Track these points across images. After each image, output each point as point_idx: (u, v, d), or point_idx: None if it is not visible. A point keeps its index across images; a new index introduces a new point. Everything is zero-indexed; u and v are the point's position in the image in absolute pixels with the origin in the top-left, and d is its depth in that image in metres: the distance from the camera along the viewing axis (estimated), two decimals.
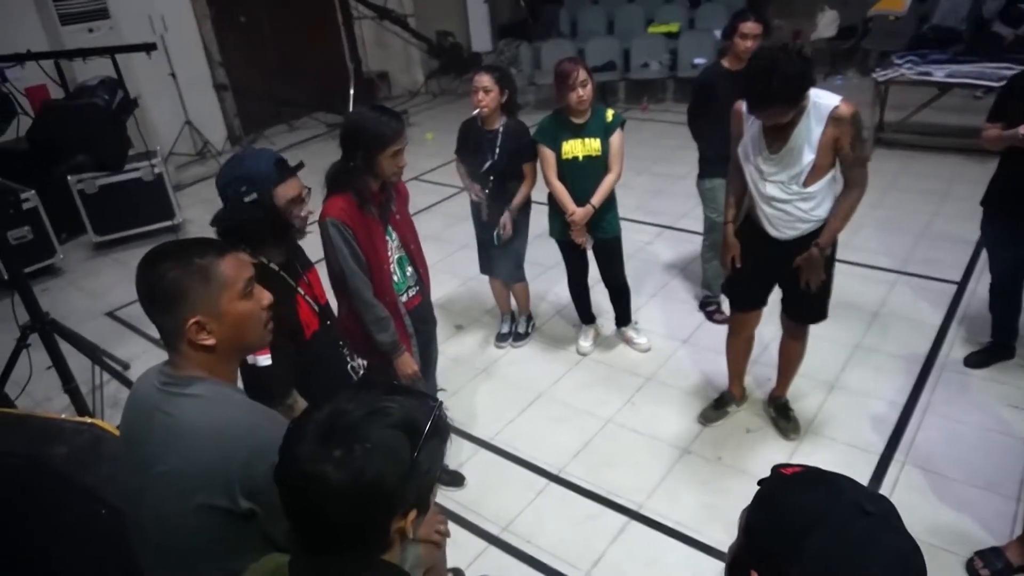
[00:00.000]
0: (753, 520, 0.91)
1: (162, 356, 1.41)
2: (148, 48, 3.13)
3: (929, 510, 2.61)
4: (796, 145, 2.43)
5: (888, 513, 0.85)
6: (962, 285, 4.01)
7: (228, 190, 1.89)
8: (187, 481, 1.23)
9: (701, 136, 3.72)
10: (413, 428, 0.96)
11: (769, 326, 3.10)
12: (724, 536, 2.58)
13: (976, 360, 3.36)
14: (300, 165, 2.04)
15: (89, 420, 2.42)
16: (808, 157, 2.43)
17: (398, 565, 1.02)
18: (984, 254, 3.52)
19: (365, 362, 2.35)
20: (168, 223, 5.65)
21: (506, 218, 3.44)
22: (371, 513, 0.94)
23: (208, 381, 1.31)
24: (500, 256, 3.64)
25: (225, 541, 1.26)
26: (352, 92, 7.80)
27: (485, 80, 3.22)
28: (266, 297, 1.40)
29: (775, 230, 2.65)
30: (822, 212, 2.60)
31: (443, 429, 1.01)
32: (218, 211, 1.96)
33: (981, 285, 3.84)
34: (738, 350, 3.11)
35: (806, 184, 2.49)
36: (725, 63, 3.54)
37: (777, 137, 2.46)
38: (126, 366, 3.84)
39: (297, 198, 1.96)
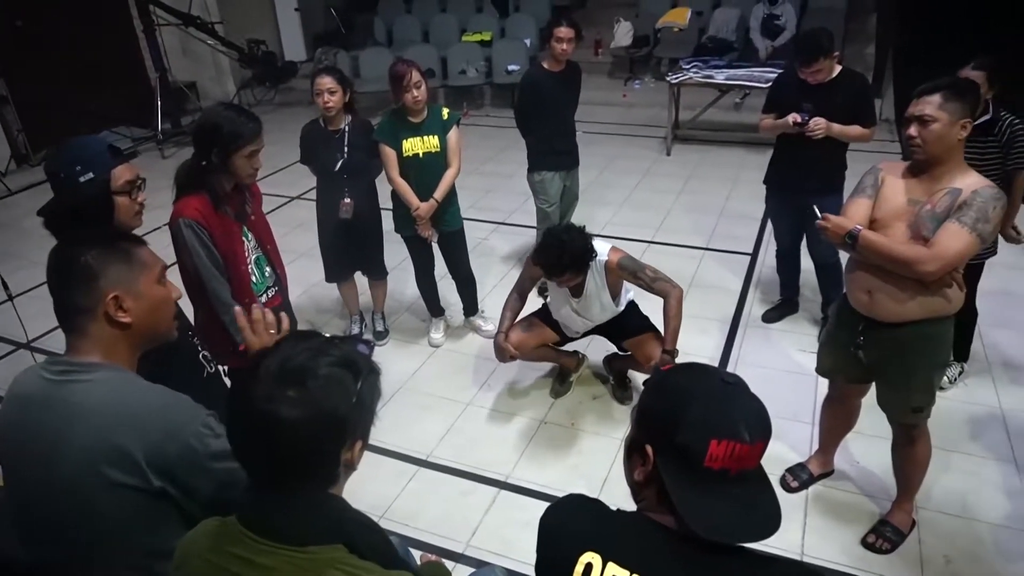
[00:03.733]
0: (645, 404, 1.14)
1: None
2: None
3: None
4: (591, 293, 3.03)
5: (741, 382, 1.11)
6: (755, 255, 4.67)
7: (61, 173, 1.83)
8: (97, 457, 1.22)
9: (530, 131, 4.02)
10: (354, 365, 1.05)
11: None
12: (586, 490, 2.82)
13: (771, 316, 3.95)
14: (134, 153, 2.00)
15: None
16: (604, 299, 3.06)
17: (343, 498, 1.10)
18: (769, 228, 4.14)
19: (225, 368, 2.32)
20: None
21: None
22: (326, 444, 1.01)
23: (111, 367, 1.29)
24: (371, 253, 3.72)
25: (142, 521, 1.25)
26: (159, 104, 7.30)
27: (328, 82, 3.26)
28: (176, 291, 1.45)
29: (575, 334, 3.30)
30: (622, 304, 3.19)
31: (376, 367, 1.11)
32: (48, 201, 1.88)
33: (769, 254, 4.49)
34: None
35: (615, 301, 3.11)
36: (545, 65, 3.90)
37: (576, 288, 3.03)
38: None
39: (134, 182, 1.91)
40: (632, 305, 3.25)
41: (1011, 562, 2.46)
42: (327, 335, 1.10)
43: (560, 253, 2.78)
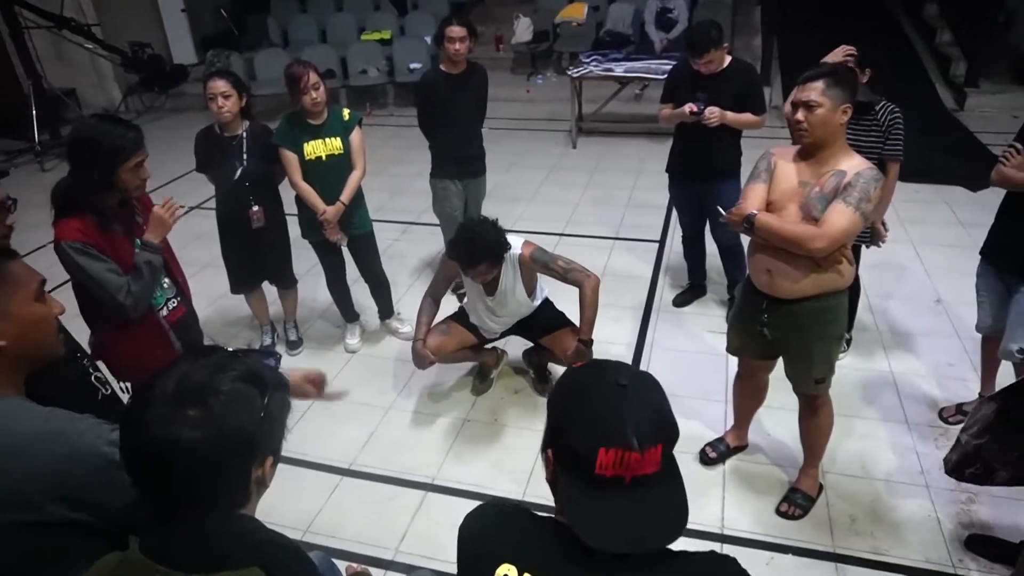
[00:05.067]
0: (549, 400, 1.12)
1: None
2: None
3: None
4: (506, 289, 3.03)
5: (639, 382, 1.07)
6: (662, 242, 4.82)
7: None
8: None
9: (432, 136, 3.93)
10: (259, 379, 1.00)
11: None
12: (514, 485, 2.85)
13: (681, 300, 4.09)
14: (5, 173, 1.84)
15: None
16: (520, 294, 3.07)
17: (255, 518, 1.05)
18: (674, 215, 4.28)
19: (128, 384, 2.19)
20: None
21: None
22: (233, 463, 0.96)
23: None
24: (279, 262, 3.61)
25: (40, 556, 1.15)
26: (35, 113, 6.80)
27: (222, 86, 3.11)
28: (58, 306, 1.34)
29: (492, 335, 3.29)
30: (538, 300, 3.21)
31: (284, 380, 1.07)
32: None
33: (675, 241, 4.65)
34: None
35: (530, 297, 3.13)
36: (443, 67, 3.75)
37: (490, 286, 3.03)
38: None
39: (2, 203, 1.75)
40: (547, 302, 3.28)
41: (901, 512, 2.65)
42: (230, 349, 1.04)
43: (474, 245, 2.78)
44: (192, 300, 2.60)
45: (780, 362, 2.59)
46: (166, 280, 2.40)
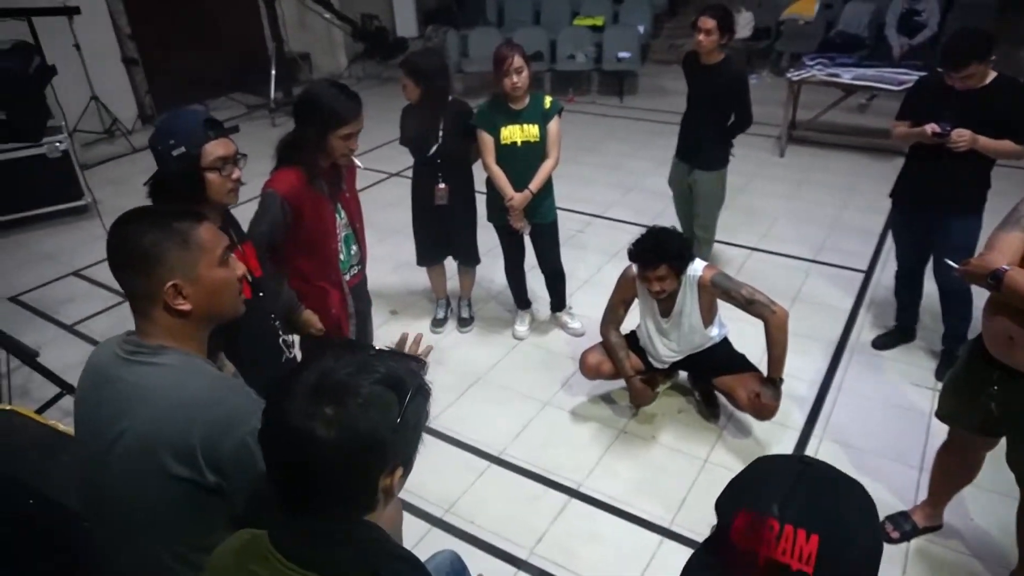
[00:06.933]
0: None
1: (75, 343, 1.36)
2: (71, 12, 2.92)
3: None
4: (681, 311, 2.89)
5: (823, 465, 0.93)
6: (869, 273, 4.30)
7: (158, 146, 1.80)
8: (151, 445, 1.19)
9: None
10: (400, 385, 0.96)
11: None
12: (661, 510, 2.69)
13: (882, 342, 3.62)
14: (235, 128, 1.97)
15: (7, 407, 2.27)
16: (695, 320, 2.90)
17: (380, 526, 1.02)
18: (888, 244, 3.79)
19: (296, 337, 2.31)
20: (75, 204, 5.30)
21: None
22: (362, 469, 0.94)
23: (177, 351, 1.27)
24: (464, 240, 3.68)
25: (189, 514, 1.23)
26: (273, 73, 7.53)
27: (402, 76, 3.25)
28: (240, 267, 1.39)
29: (660, 363, 3.11)
30: (715, 333, 3.01)
31: (426, 388, 1.02)
32: (153, 172, 1.87)
33: (886, 273, 4.14)
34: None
35: (705, 326, 2.94)
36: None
37: (665, 306, 2.91)
38: (35, 353, 3.59)
39: (228, 157, 1.84)
40: (726, 341, 3.06)
41: None
42: (376, 348, 1.01)
43: (659, 242, 2.71)
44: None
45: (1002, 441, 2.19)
46: (354, 247, 2.51)
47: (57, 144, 5.07)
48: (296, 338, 2.31)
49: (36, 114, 2.60)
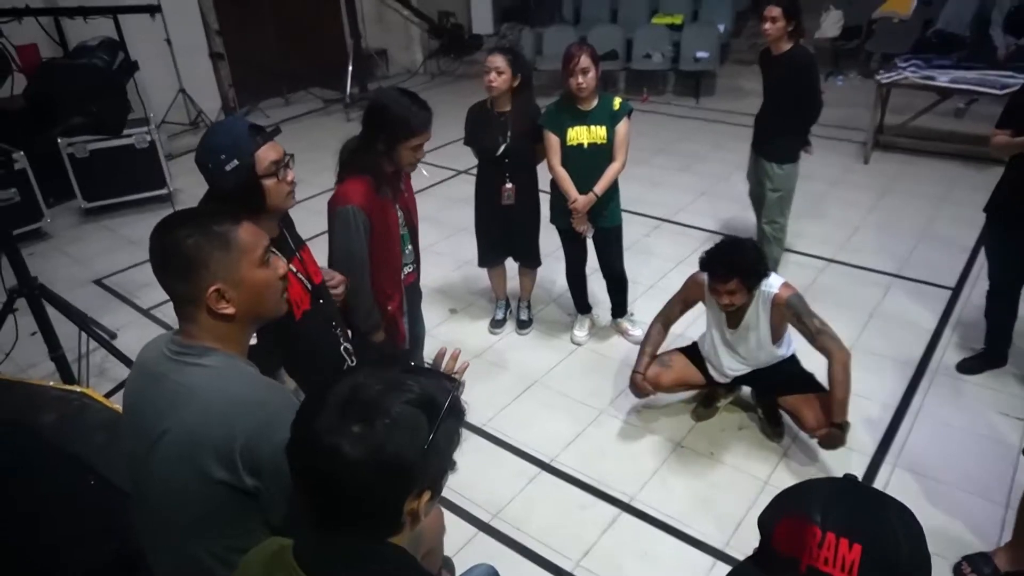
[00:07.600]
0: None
1: (150, 327, 1.39)
2: (152, 9, 3.04)
3: (918, 513, 2.59)
4: (749, 324, 2.78)
5: (885, 497, 0.95)
6: (957, 290, 4.03)
7: (208, 163, 1.76)
8: (192, 447, 1.20)
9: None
10: (432, 406, 0.93)
11: None
12: (715, 531, 2.58)
13: (969, 366, 3.38)
14: (277, 130, 1.95)
15: (79, 389, 2.37)
16: (763, 334, 2.78)
17: (406, 548, 0.99)
18: (980, 261, 3.53)
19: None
20: (159, 192, 5.55)
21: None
22: (386, 491, 0.91)
23: (221, 353, 1.28)
24: (526, 240, 3.64)
25: (228, 516, 1.23)
26: (351, 68, 7.68)
27: (498, 61, 3.15)
28: (282, 266, 1.38)
29: (722, 376, 2.99)
30: (783, 350, 2.89)
31: (460, 410, 0.98)
32: (204, 194, 1.87)
33: (976, 292, 3.86)
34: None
35: (774, 342, 2.82)
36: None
37: (733, 317, 2.80)
38: (113, 335, 3.77)
39: (280, 160, 1.82)
40: (793, 358, 2.92)
41: None
42: (411, 363, 0.98)
43: (733, 254, 2.61)
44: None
45: None
46: (409, 246, 2.50)
47: (145, 134, 5.32)
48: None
49: (119, 107, 2.72)
